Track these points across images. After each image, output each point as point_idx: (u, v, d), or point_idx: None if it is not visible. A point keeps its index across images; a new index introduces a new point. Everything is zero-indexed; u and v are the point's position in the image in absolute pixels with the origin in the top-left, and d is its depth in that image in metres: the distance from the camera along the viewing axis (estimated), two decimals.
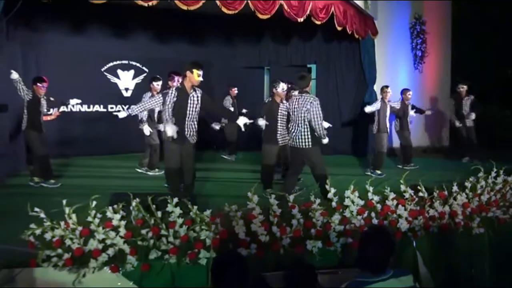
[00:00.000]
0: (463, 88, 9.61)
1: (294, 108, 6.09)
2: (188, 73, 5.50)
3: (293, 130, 6.10)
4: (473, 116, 9.33)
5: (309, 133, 5.97)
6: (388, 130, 8.41)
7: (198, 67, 5.53)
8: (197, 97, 5.63)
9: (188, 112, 5.55)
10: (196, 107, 5.63)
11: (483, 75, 13.35)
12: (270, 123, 6.77)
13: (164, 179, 6.85)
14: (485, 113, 10.40)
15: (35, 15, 8.31)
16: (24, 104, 6.88)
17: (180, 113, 5.53)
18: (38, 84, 6.91)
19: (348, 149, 10.44)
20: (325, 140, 6.15)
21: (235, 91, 9.95)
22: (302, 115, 5.96)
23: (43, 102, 7.06)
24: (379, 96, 8.80)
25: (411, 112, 9.16)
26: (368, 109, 8.36)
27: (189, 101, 5.55)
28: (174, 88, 5.67)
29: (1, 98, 7.01)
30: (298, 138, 6.00)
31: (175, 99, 5.52)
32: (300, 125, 5.99)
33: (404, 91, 9.12)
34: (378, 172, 8.19)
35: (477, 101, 9.54)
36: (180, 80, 6.63)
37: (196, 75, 5.50)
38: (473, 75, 13.21)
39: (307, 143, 5.98)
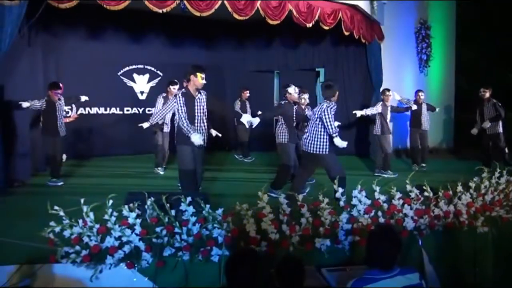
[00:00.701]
0: (485, 91, 8.91)
1: (312, 112, 6.09)
2: (192, 77, 5.61)
3: (308, 135, 5.98)
4: (487, 125, 8.73)
5: (325, 139, 5.82)
6: (391, 131, 8.48)
7: (201, 71, 5.62)
8: (203, 99, 5.74)
9: (196, 114, 5.66)
10: (203, 109, 5.74)
11: (486, 78, 13.32)
12: (288, 123, 6.87)
13: (176, 179, 7.00)
14: None
15: (55, 22, 8.49)
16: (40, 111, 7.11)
17: (190, 116, 5.62)
18: (54, 91, 7.06)
19: (354, 150, 10.51)
20: (339, 142, 5.75)
21: (247, 93, 10.06)
22: (318, 120, 5.85)
23: (59, 107, 7.19)
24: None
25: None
26: (368, 111, 8.45)
27: (196, 103, 5.66)
28: (180, 94, 5.65)
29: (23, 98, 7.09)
30: (313, 143, 5.86)
31: (183, 104, 5.56)
32: (316, 130, 5.87)
33: (417, 92, 9.35)
34: (391, 172, 8.26)
35: (500, 105, 8.72)
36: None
37: (200, 78, 5.59)
38: (477, 77, 13.21)
39: (321, 149, 5.83)
